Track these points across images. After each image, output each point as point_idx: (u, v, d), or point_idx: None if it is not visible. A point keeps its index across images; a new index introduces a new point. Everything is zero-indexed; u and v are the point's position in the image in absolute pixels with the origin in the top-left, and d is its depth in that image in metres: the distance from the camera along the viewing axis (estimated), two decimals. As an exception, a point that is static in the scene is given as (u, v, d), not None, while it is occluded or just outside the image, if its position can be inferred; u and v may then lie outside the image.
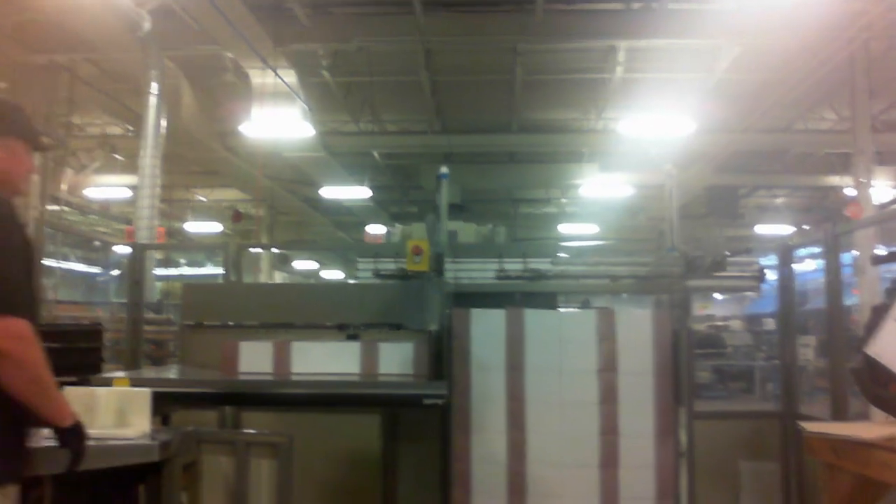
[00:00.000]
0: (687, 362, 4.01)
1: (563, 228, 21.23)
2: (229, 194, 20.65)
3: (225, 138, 14.29)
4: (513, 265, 5.18)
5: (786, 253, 5.01)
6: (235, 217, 21.17)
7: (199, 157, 14.76)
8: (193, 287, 5.24)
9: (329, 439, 4.50)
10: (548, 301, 5.19)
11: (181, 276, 30.26)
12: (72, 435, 2.31)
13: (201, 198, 21.85)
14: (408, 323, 4.56)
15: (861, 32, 10.32)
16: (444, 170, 5.17)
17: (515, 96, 13.26)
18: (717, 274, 4.67)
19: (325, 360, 3.95)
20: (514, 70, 12.12)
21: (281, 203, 19.72)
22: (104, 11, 7.96)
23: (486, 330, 4.09)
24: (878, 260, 6.26)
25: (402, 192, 19.58)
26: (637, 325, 3.99)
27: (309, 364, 3.91)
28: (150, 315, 10.07)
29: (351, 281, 18.34)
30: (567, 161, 16.53)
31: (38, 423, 2.33)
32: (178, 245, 22.10)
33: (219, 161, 14.74)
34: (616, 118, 13.74)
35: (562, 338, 4.01)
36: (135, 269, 5.34)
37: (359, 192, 16.48)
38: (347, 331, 4.41)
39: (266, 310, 4.72)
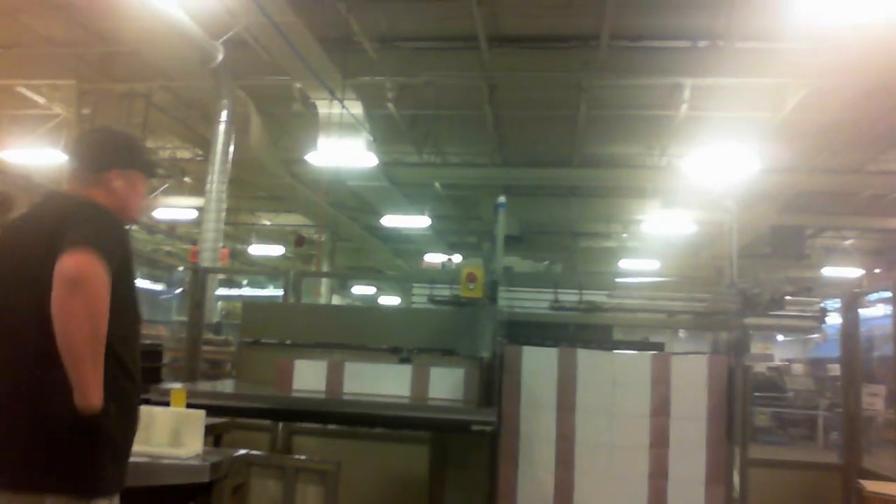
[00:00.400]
0: (742, 404, 3.94)
1: (624, 264, 21.02)
2: (293, 219, 21.06)
3: (291, 165, 14.64)
4: (568, 296, 5.18)
5: (851, 299, 4.90)
6: (298, 242, 21.59)
7: (265, 182, 15.14)
8: (253, 305, 5.41)
9: (378, 466, 4.56)
10: (603, 334, 5.17)
11: (242, 297, 30.97)
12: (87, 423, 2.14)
13: (266, 221, 22.34)
14: (460, 349, 4.60)
15: (937, 74, 10.07)
16: (501, 199, 5.23)
17: (578, 131, 13.27)
18: (776, 313, 4.58)
19: (376, 381, 4.03)
20: (579, 105, 12.16)
21: (342, 229, 20.02)
22: (180, 43, 8.29)
23: (538, 367, 4.10)
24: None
25: (461, 223, 19.71)
26: (692, 370, 3.95)
27: (361, 385, 3.99)
28: (210, 335, 10.31)
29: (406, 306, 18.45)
30: (629, 196, 16.42)
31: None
32: (239, 269, 22.60)
33: (284, 187, 15.09)
34: (680, 155, 13.62)
35: (615, 380, 4.00)
36: (196, 291, 5.53)
37: (419, 222, 16.64)
38: (400, 354, 4.47)
39: (322, 330, 4.82)
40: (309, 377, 4.07)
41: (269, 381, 4.20)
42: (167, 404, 3.18)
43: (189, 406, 3.16)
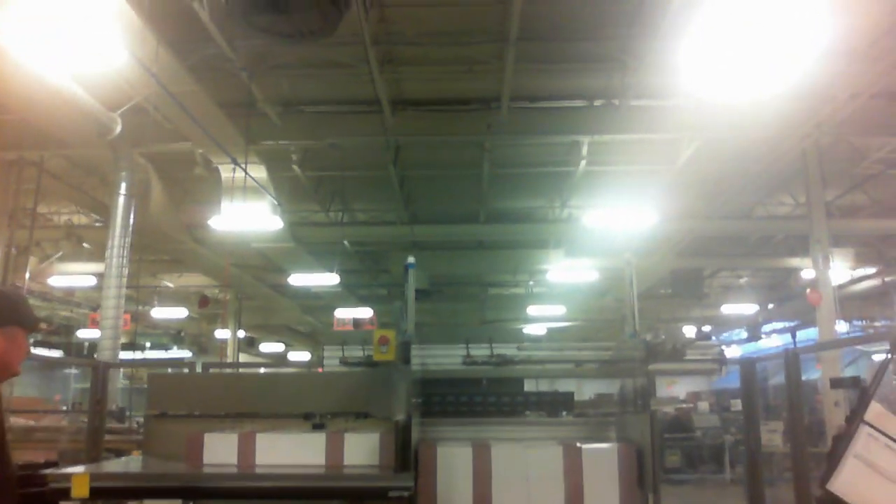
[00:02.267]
0: (652, 458, 4.02)
1: (532, 310, 21.37)
2: (196, 280, 20.54)
3: (193, 230, 14.32)
4: (480, 350, 5.23)
5: (748, 367, 5.13)
6: (202, 302, 21.08)
7: (167, 248, 14.74)
8: (159, 376, 5.19)
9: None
10: (514, 387, 5.24)
11: (147, 360, 29.83)
12: None
13: (168, 283, 21.69)
14: (374, 412, 4.52)
15: (812, 129, 10.80)
16: (411, 260, 5.25)
17: (483, 188, 13.53)
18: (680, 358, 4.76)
19: (290, 451, 3.94)
20: (482, 164, 12.42)
21: (248, 288, 19.66)
22: (75, 115, 8.05)
23: (452, 463, 4.09)
24: (837, 384, 6.47)
25: (371, 276, 19.65)
26: (603, 460, 4.03)
27: (274, 456, 3.89)
28: (112, 423, 9.92)
29: (318, 369, 18.16)
30: (534, 247, 16.77)
31: None
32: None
33: (186, 252, 14.73)
34: (581, 206, 14.06)
35: (528, 475, 4.04)
36: (96, 389, 5.32)
37: (327, 279, 16.51)
38: (313, 420, 4.35)
39: (232, 399, 4.60)
40: (220, 450, 3.95)
41: (179, 455, 4.05)
42: (67, 492, 3.05)
43: (93, 490, 3.08)
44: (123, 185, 8.99)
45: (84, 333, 22.57)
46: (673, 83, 9.76)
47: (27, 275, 12.74)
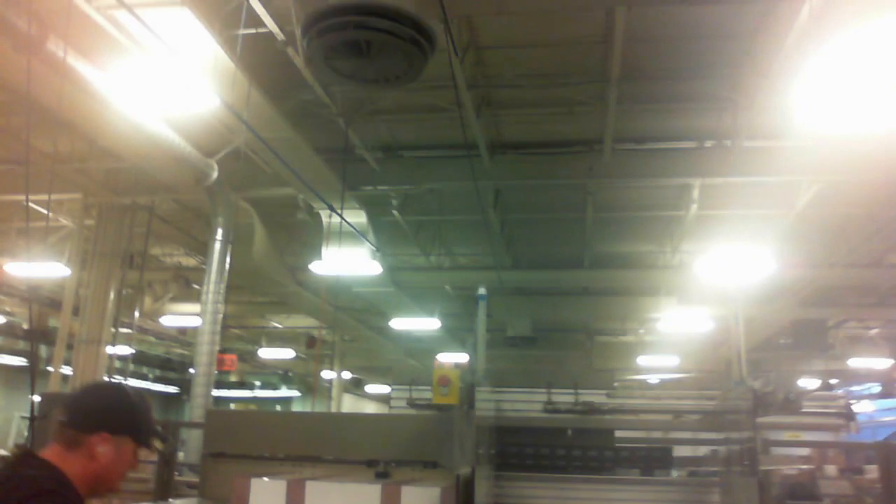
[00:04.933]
0: None
1: (642, 360, 20.46)
2: (304, 321, 20.81)
3: (296, 273, 14.45)
4: (563, 397, 4.72)
5: (888, 452, 4.42)
6: (310, 343, 21.34)
7: (271, 290, 14.94)
8: (217, 414, 4.94)
9: None
10: (604, 439, 4.67)
11: (256, 398, 30.54)
12: None
13: (276, 324, 22.09)
14: (444, 462, 4.08)
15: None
16: (482, 291, 4.87)
17: (587, 232, 13.04)
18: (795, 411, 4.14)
19: (342, 502, 3.59)
20: (585, 208, 11.96)
21: (352, 331, 19.72)
22: (171, 160, 8.20)
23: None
24: None
25: (472, 320, 19.33)
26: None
27: None
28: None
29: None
30: (643, 294, 16.05)
31: None
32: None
33: (289, 294, 14.88)
34: (692, 252, 13.31)
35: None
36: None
37: (428, 324, 16.32)
38: (376, 467, 3.95)
39: (292, 440, 4.29)
40: (267, 498, 3.66)
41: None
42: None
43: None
44: (220, 231, 9.08)
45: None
46: (789, 123, 9.07)
47: (136, 314, 13.10)
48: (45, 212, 13.56)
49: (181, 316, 17.41)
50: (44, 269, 13.08)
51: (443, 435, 3.87)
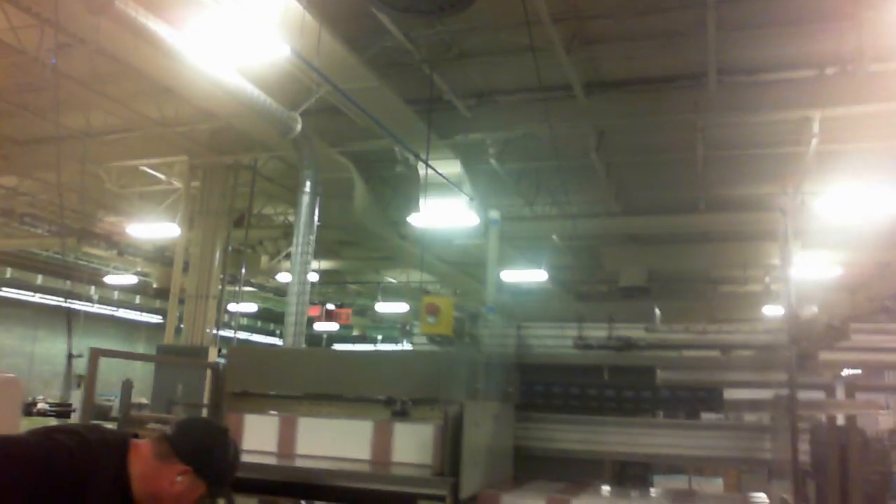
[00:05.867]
0: None
1: (769, 310, 19.34)
2: (417, 275, 20.95)
3: (398, 227, 14.41)
4: (596, 332, 4.28)
5: None
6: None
7: (376, 245, 15.01)
8: (240, 352, 4.83)
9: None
10: (643, 379, 4.18)
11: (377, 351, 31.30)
12: None
13: (391, 279, 22.35)
14: (441, 397, 3.77)
15: None
16: (494, 215, 4.48)
17: (698, 174, 12.26)
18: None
19: (334, 441, 3.46)
20: (695, 147, 11.22)
21: (461, 285, 19.62)
22: (253, 115, 8.22)
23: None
24: None
25: (585, 273, 18.82)
26: None
27: (317, 445, 3.43)
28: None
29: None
30: (765, 239, 15.04)
31: None
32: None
33: (394, 249, 14.89)
34: (816, 192, 12.29)
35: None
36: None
37: (535, 276, 15.97)
38: (393, 406, 3.71)
39: (312, 379, 4.05)
40: (260, 435, 3.59)
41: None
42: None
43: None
44: (308, 184, 9.07)
45: (320, 326, 23.91)
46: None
47: (243, 271, 13.48)
48: (160, 176, 14.16)
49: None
50: (160, 229, 13.67)
51: (439, 370, 3.62)
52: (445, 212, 11.60)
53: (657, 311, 4.69)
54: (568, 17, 8.46)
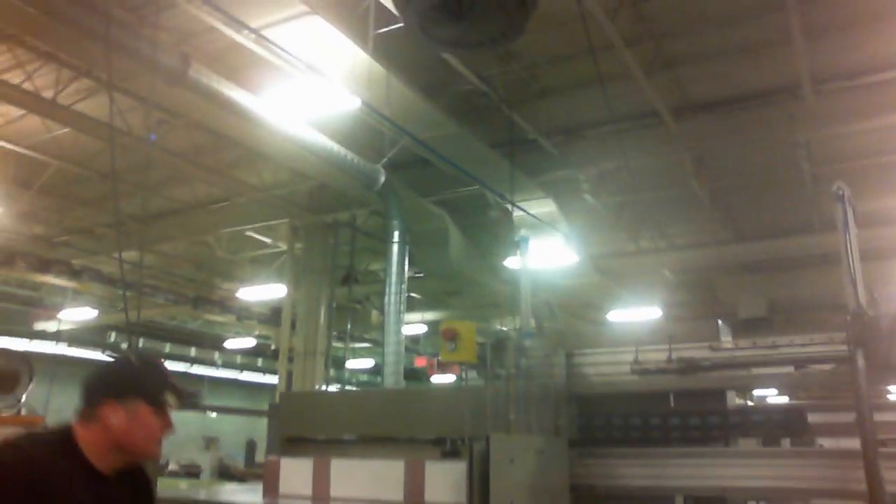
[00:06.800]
0: None
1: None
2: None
3: (498, 272, 14.26)
4: (655, 354, 3.90)
5: None
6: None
7: (478, 292, 14.91)
8: (291, 397, 4.81)
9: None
10: (713, 402, 3.74)
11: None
12: None
13: (499, 327, 22.11)
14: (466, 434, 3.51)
15: None
16: (523, 233, 4.34)
17: (808, 192, 11.56)
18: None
19: (367, 482, 3.31)
20: (800, 164, 10.60)
21: (568, 325, 19.17)
22: (341, 172, 8.36)
23: None
24: None
25: (703, 308, 18.01)
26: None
27: (351, 486, 3.29)
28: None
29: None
30: (892, 257, 13.94)
31: None
32: None
33: (497, 294, 14.72)
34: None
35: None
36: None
37: (648, 313, 15.40)
38: (443, 447, 3.49)
39: (362, 421, 3.98)
40: (296, 478, 3.49)
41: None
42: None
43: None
44: (396, 234, 9.13)
45: (437, 378, 23.86)
46: None
47: (349, 326, 13.65)
48: (266, 240, 14.64)
49: (407, 325, 17.95)
50: (269, 291, 14.11)
51: (459, 404, 3.41)
52: (542, 252, 11.39)
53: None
54: (643, 38, 8.23)
